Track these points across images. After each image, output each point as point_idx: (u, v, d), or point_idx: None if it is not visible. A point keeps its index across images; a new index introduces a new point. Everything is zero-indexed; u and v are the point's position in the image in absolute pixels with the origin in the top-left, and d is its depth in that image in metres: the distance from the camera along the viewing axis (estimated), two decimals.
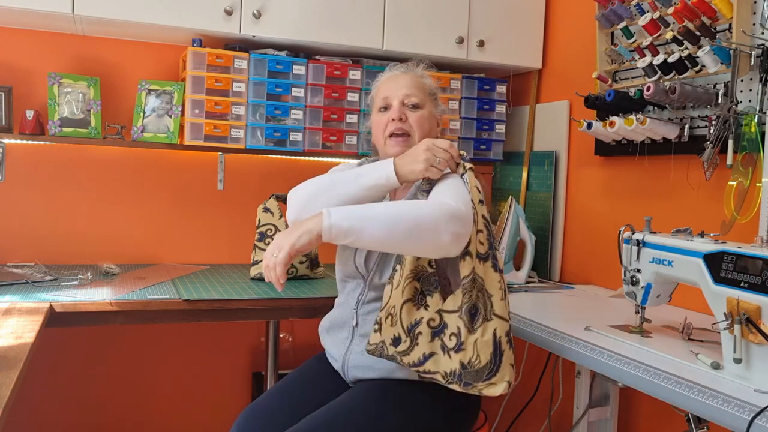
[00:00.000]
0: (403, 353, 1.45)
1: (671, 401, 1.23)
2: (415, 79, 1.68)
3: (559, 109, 2.54)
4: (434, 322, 1.44)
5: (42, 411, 2.44)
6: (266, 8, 2.23)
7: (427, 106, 1.67)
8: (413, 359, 1.44)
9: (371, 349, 1.50)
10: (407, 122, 1.63)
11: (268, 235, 2.21)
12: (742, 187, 1.71)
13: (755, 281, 1.21)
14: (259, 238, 2.21)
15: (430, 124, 1.67)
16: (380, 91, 1.69)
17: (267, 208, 2.22)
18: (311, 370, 1.73)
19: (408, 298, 1.46)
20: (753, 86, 1.73)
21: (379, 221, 1.34)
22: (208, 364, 2.65)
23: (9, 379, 1.16)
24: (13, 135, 2.21)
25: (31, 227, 2.38)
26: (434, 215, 1.34)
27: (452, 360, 1.41)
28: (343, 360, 1.62)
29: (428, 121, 1.66)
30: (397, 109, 1.63)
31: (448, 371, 1.42)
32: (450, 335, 1.43)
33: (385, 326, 1.47)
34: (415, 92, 1.65)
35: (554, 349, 1.56)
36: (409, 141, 1.62)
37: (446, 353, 1.43)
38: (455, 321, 1.42)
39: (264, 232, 2.21)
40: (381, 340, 1.48)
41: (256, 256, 2.20)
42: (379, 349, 1.48)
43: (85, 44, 2.40)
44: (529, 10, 2.59)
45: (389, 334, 1.46)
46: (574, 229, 2.48)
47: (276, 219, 2.21)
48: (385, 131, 1.64)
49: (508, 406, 2.62)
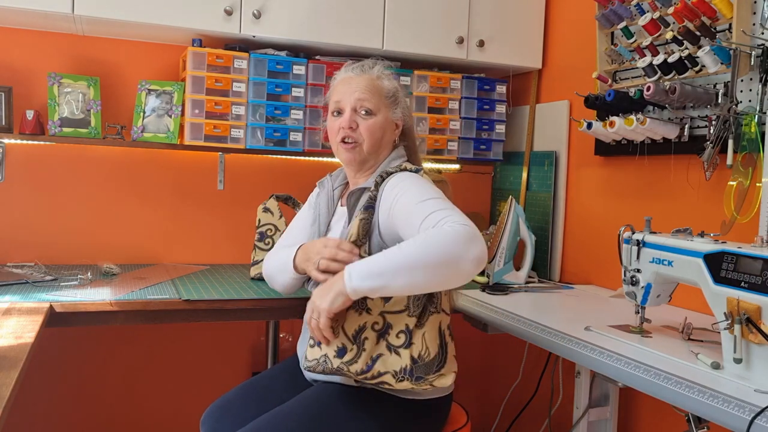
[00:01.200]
0: (350, 362, 1.43)
1: (671, 401, 1.23)
2: (370, 82, 1.63)
3: (559, 109, 2.54)
4: (378, 324, 1.46)
5: (42, 411, 2.44)
6: (266, 8, 2.23)
7: (381, 111, 1.61)
8: (361, 366, 1.43)
9: (311, 366, 1.47)
10: (357, 130, 1.60)
11: (268, 234, 2.20)
12: (742, 187, 1.71)
13: (755, 281, 1.21)
14: (259, 238, 2.20)
15: (384, 131, 1.62)
16: (333, 94, 1.66)
17: (267, 208, 2.21)
18: (283, 368, 1.77)
19: (354, 306, 1.45)
20: (753, 86, 1.73)
21: (399, 273, 1.33)
22: (208, 364, 2.65)
23: (9, 379, 1.16)
24: (13, 135, 2.21)
25: (31, 227, 2.38)
26: (450, 249, 1.31)
27: (402, 357, 1.44)
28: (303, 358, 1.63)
29: (380, 128, 1.61)
30: (347, 117, 1.60)
31: (397, 369, 1.44)
32: (397, 333, 1.45)
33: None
34: (368, 97, 1.60)
35: (554, 349, 1.56)
36: (358, 148, 1.60)
37: (393, 352, 1.45)
38: (402, 320, 1.45)
39: (264, 232, 2.20)
40: (323, 354, 1.45)
41: (256, 256, 2.20)
42: (321, 365, 1.45)
43: (85, 44, 2.40)
44: (529, 10, 2.59)
45: (332, 346, 1.44)
46: (574, 229, 2.48)
47: (276, 219, 2.20)
48: (336, 136, 1.62)
49: (508, 406, 2.62)
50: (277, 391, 1.67)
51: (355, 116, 1.60)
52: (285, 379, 1.72)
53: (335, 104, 1.63)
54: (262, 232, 2.21)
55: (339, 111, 1.63)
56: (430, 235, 1.33)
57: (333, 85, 1.69)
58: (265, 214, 2.21)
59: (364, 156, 1.62)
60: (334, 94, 1.65)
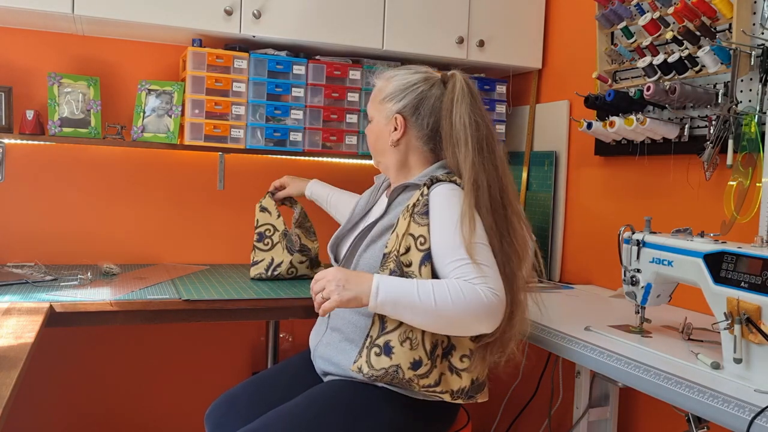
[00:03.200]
0: (422, 376, 1.44)
1: (671, 401, 1.23)
2: (375, 90, 1.69)
3: (559, 109, 2.54)
4: (444, 344, 1.48)
5: (42, 411, 2.44)
6: (266, 8, 2.23)
7: (375, 116, 1.66)
8: (430, 381, 1.45)
9: (378, 375, 1.43)
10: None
11: (267, 235, 2.19)
12: (742, 187, 1.71)
13: (755, 281, 1.21)
14: (258, 238, 2.20)
15: (377, 135, 1.66)
16: None
17: (264, 207, 2.20)
18: (291, 363, 1.77)
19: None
20: (753, 86, 1.73)
21: (421, 315, 1.37)
22: (208, 364, 2.65)
23: (9, 379, 1.16)
24: (13, 135, 2.21)
25: (31, 227, 2.38)
26: (475, 318, 1.36)
27: (463, 379, 1.48)
28: (314, 350, 1.66)
29: (372, 133, 1.68)
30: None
31: (456, 389, 1.47)
32: (461, 356, 1.47)
33: (401, 350, 1.42)
34: (369, 106, 1.70)
35: (554, 349, 1.56)
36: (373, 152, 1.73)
37: (455, 373, 1.47)
38: (465, 343, 1.48)
39: (263, 232, 2.20)
40: (394, 364, 1.42)
41: (256, 256, 2.20)
42: (390, 374, 1.42)
43: (85, 44, 2.40)
44: (529, 10, 2.59)
45: (408, 357, 1.42)
46: (574, 229, 2.48)
47: (274, 219, 2.20)
48: None
49: (508, 406, 2.62)
50: (284, 388, 1.67)
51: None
52: (292, 374, 1.72)
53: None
54: (260, 232, 2.20)
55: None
56: (464, 297, 1.35)
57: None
58: (263, 214, 2.20)
59: (373, 159, 1.74)
60: None
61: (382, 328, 1.45)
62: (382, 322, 1.45)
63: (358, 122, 2.47)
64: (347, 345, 1.57)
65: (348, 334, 1.57)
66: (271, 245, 2.18)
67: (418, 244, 1.45)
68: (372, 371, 1.44)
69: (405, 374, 1.42)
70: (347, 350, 1.56)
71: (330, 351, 1.60)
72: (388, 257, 1.48)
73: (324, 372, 1.64)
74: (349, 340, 1.57)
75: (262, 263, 2.18)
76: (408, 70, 1.65)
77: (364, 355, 1.46)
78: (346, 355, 1.55)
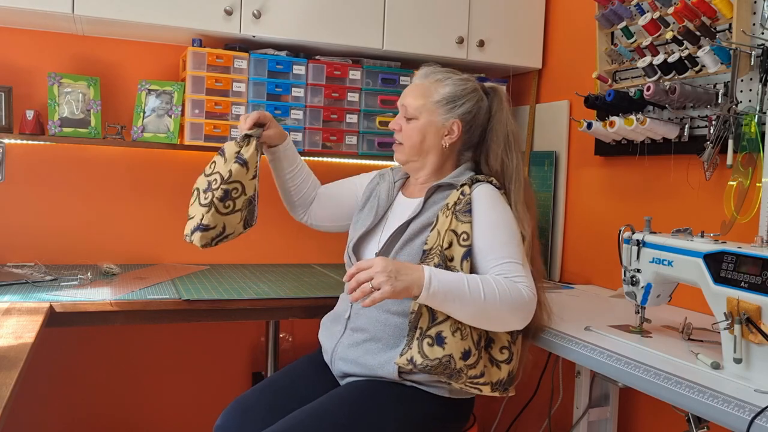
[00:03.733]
0: (471, 366, 1.47)
1: (671, 401, 1.23)
2: (423, 88, 1.67)
3: (559, 109, 2.54)
4: (484, 338, 1.52)
5: (42, 411, 2.44)
6: (266, 8, 2.23)
7: (423, 116, 1.65)
8: (477, 372, 1.48)
9: (432, 365, 1.45)
10: (401, 132, 1.69)
11: (233, 196, 1.65)
12: (742, 187, 1.71)
13: (755, 281, 1.21)
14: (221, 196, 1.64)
15: (424, 135, 1.66)
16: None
17: (243, 158, 1.67)
18: (301, 366, 1.76)
19: None
20: (753, 86, 1.73)
21: (468, 306, 1.41)
22: (208, 364, 2.65)
23: (9, 379, 1.16)
24: (13, 135, 2.21)
25: (31, 227, 2.38)
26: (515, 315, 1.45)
27: (501, 371, 1.53)
28: (332, 351, 1.64)
29: (419, 132, 1.66)
30: (396, 119, 1.71)
31: (495, 381, 1.52)
32: (500, 348, 1.53)
33: (453, 340, 1.46)
34: (412, 102, 1.66)
35: (554, 349, 1.56)
36: (400, 148, 1.70)
37: (495, 365, 1.53)
38: (503, 336, 1.54)
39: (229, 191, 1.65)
40: (447, 354, 1.45)
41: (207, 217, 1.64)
42: (443, 364, 1.45)
43: (85, 44, 2.40)
44: (529, 10, 2.59)
45: (459, 347, 1.46)
46: (574, 229, 2.48)
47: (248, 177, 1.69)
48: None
49: (508, 406, 2.62)
50: (300, 393, 1.64)
51: (401, 119, 1.69)
52: (305, 378, 1.69)
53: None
54: (226, 190, 1.65)
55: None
56: (509, 294, 1.43)
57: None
58: (238, 168, 1.67)
59: (405, 156, 1.70)
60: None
61: (433, 319, 1.47)
62: (432, 314, 1.47)
63: (358, 122, 2.47)
64: (373, 345, 1.57)
65: (375, 333, 1.57)
66: (231, 210, 1.65)
67: (461, 240, 1.51)
68: (426, 361, 1.45)
69: (456, 364, 1.45)
70: (374, 350, 1.56)
71: (354, 352, 1.59)
72: (430, 253, 1.52)
73: (344, 373, 1.62)
74: (376, 339, 1.57)
75: (213, 230, 1.64)
76: (458, 76, 1.70)
77: (415, 347, 1.46)
78: (373, 355, 1.56)
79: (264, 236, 2.65)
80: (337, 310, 1.73)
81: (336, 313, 1.73)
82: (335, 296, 1.82)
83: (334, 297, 1.82)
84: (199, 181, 1.73)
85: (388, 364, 1.53)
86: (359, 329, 1.60)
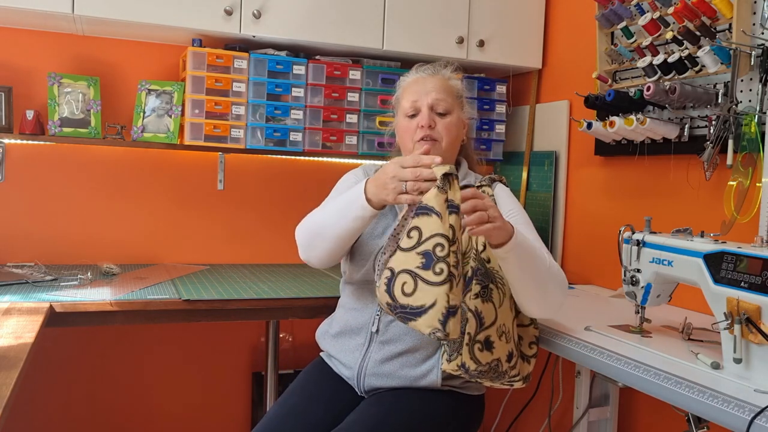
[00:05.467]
0: (513, 367, 1.50)
1: (671, 401, 1.23)
2: (443, 82, 1.65)
3: (559, 109, 2.54)
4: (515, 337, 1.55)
5: (42, 411, 2.44)
6: (266, 8, 2.23)
7: (455, 111, 1.64)
8: (516, 371, 1.51)
9: (483, 370, 1.45)
10: (436, 129, 1.60)
11: (440, 257, 1.28)
12: (742, 187, 1.71)
13: (755, 281, 1.21)
14: (424, 263, 1.30)
15: (458, 130, 1.65)
16: (407, 94, 1.65)
17: (430, 208, 1.30)
18: (314, 382, 1.65)
19: (514, 315, 1.53)
20: (753, 86, 1.73)
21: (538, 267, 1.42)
22: (208, 364, 2.65)
23: (9, 379, 1.16)
24: (13, 135, 2.21)
25: (31, 227, 2.38)
26: (560, 288, 1.48)
27: (530, 365, 1.56)
28: (359, 368, 1.58)
29: (456, 127, 1.63)
30: (426, 115, 1.60)
31: (525, 375, 1.55)
32: (529, 344, 1.57)
33: (500, 343, 1.47)
34: (444, 97, 1.62)
35: (554, 349, 1.56)
36: (437, 146, 1.60)
37: (525, 360, 1.56)
38: (531, 331, 1.58)
39: (431, 252, 1.29)
40: (495, 358, 1.46)
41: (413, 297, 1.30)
42: (492, 368, 1.46)
43: (85, 44, 2.40)
44: (529, 10, 2.59)
45: (505, 350, 1.48)
46: (574, 229, 2.48)
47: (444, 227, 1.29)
48: (414, 136, 1.62)
49: (508, 406, 2.62)
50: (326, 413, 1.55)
51: (433, 115, 1.61)
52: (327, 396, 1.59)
53: (412, 104, 1.63)
54: (427, 252, 1.29)
55: (415, 112, 1.63)
56: (559, 269, 1.48)
57: (402, 87, 1.69)
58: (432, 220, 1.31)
59: (441, 153, 1.59)
60: (407, 94, 1.65)
61: (480, 324, 1.45)
62: (479, 319, 1.45)
63: (358, 122, 2.47)
64: (411, 356, 1.56)
65: (410, 343, 1.56)
66: (444, 276, 1.28)
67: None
68: (479, 367, 1.45)
69: (503, 366, 1.47)
70: (413, 362, 1.56)
71: (389, 366, 1.56)
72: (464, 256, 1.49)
73: (374, 388, 1.57)
74: (413, 350, 1.56)
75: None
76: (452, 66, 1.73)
77: (465, 353, 1.45)
78: (413, 367, 1.56)
79: (264, 236, 2.66)
80: (355, 322, 1.62)
81: (352, 325, 1.63)
82: (335, 296, 1.81)
83: (334, 297, 1.81)
84: (396, 260, 1.33)
85: (431, 373, 1.54)
86: (390, 341, 1.56)
